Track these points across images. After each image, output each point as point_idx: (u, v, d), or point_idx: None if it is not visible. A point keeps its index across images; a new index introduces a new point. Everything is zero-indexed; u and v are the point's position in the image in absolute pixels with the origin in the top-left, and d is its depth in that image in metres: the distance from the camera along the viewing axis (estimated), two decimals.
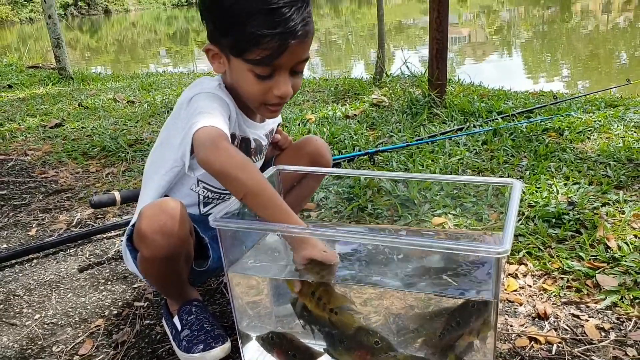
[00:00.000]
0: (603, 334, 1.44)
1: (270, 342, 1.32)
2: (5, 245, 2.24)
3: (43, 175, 3.04)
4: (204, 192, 1.51)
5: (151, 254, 1.30)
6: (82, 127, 4.05)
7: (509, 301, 1.61)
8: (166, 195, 1.52)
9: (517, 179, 2.39)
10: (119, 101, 5.10)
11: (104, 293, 1.84)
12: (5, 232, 2.38)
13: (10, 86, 6.57)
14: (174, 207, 1.30)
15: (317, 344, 1.30)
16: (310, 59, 1.45)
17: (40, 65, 8.59)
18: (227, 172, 1.18)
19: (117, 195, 2.08)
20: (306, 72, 7.55)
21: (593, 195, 2.16)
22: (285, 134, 1.68)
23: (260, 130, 1.53)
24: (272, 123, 1.60)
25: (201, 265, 1.46)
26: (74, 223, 2.40)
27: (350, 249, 1.34)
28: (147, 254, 1.31)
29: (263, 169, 1.47)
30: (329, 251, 1.19)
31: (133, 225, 1.38)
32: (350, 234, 1.32)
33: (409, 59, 4.71)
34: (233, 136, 1.42)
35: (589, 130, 2.95)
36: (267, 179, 1.23)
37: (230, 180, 1.19)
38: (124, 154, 3.25)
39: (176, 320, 1.50)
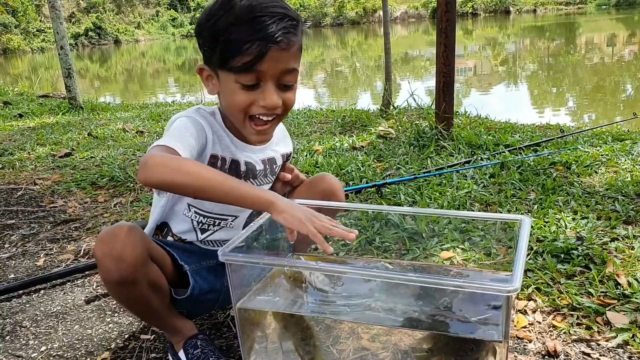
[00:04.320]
0: None
1: None
2: (13, 275, 2.25)
3: (52, 205, 3.06)
4: (196, 217, 1.52)
5: (105, 278, 1.31)
6: (91, 157, 4.08)
7: (519, 338, 1.59)
8: (165, 222, 1.54)
9: (525, 213, 2.39)
10: (128, 131, 5.15)
11: (110, 325, 1.83)
12: (13, 261, 2.38)
13: (20, 115, 6.65)
14: (126, 231, 1.30)
15: None
16: (317, 89, 1.47)
17: (51, 94, 8.72)
18: (165, 181, 1.19)
19: None
20: (313, 103, 7.61)
21: (602, 230, 2.15)
22: (297, 172, 1.67)
23: (257, 154, 1.52)
24: (272, 151, 1.58)
25: (182, 294, 1.45)
26: (81, 253, 2.41)
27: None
28: (103, 278, 1.32)
29: None
30: (297, 218, 1.20)
31: None
32: (357, 270, 1.32)
33: (416, 90, 4.75)
34: (215, 157, 1.43)
35: (597, 164, 2.95)
36: (206, 168, 1.25)
37: (173, 187, 1.21)
38: (132, 184, 3.27)
39: (182, 354, 1.49)
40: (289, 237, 1.24)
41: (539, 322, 1.66)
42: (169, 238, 1.56)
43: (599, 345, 1.53)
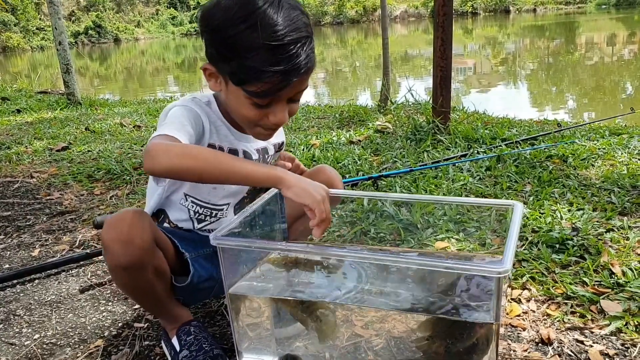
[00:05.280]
0: (607, 359, 1.42)
1: None
2: (7, 266, 2.24)
3: (48, 197, 3.05)
4: (193, 206, 1.51)
5: (112, 263, 1.30)
6: (88, 151, 4.08)
7: (512, 326, 1.59)
8: (162, 210, 1.54)
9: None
10: (125, 126, 5.15)
11: (104, 314, 1.83)
12: (8, 252, 2.38)
13: (19, 110, 6.65)
14: (135, 217, 1.29)
15: None
16: (316, 88, 1.47)
17: (49, 90, 8.70)
18: (171, 168, 1.18)
19: None
20: (312, 100, 7.61)
21: (597, 221, 2.15)
22: (297, 162, 1.66)
23: (252, 144, 1.51)
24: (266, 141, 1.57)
25: (182, 281, 1.45)
26: (77, 244, 2.40)
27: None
28: (110, 263, 1.31)
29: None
30: (306, 191, 1.18)
31: None
32: (350, 253, 1.31)
33: (414, 86, 4.74)
34: (213, 147, 1.42)
35: (593, 158, 2.95)
36: (209, 150, 1.24)
37: (181, 172, 1.19)
38: (128, 177, 3.27)
39: (175, 341, 1.49)
40: (316, 231, 1.18)
41: (533, 311, 1.65)
42: (165, 225, 1.55)
43: (592, 333, 1.53)
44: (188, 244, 1.49)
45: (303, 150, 3.55)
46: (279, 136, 1.65)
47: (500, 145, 3.25)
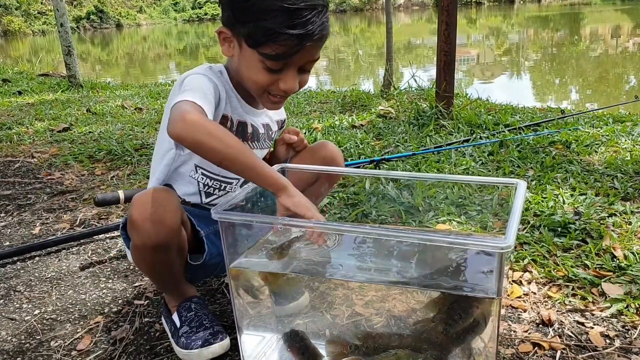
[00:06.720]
0: (608, 341, 1.42)
1: (289, 338, 1.32)
2: (8, 243, 2.24)
3: (49, 177, 3.05)
4: (203, 179, 1.51)
5: (141, 242, 1.30)
6: (90, 132, 4.07)
7: (513, 307, 1.59)
8: (169, 184, 1.53)
9: None
10: (126, 108, 5.14)
11: (104, 291, 1.83)
12: (9, 230, 2.37)
13: (19, 92, 6.63)
14: (166, 196, 1.30)
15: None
16: (319, 76, 1.46)
17: (51, 73, 8.67)
18: (199, 142, 1.18)
19: (121, 194, 2.08)
20: (314, 87, 7.58)
21: (599, 206, 2.14)
22: (302, 136, 1.66)
23: (259, 118, 1.52)
24: (268, 117, 1.58)
25: (197, 260, 1.45)
26: (77, 223, 2.40)
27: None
28: (138, 242, 1.31)
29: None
30: (304, 204, 1.21)
31: None
32: (351, 228, 1.31)
33: (417, 72, 4.72)
34: (226, 118, 1.43)
35: (597, 144, 2.94)
36: (236, 138, 1.24)
37: (203, 149, 1.19)
38: (129, 158, 3.26)
39: (175, 317, 1.49)
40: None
41: (534, 293, 1.65)
42: None
43: (593, 315, 1.53)
44: (201, 220, 1.48)
45: (305, 133, 3.54)
46: (280, 114, 1.64)
47: (503, 131, 3.24)
